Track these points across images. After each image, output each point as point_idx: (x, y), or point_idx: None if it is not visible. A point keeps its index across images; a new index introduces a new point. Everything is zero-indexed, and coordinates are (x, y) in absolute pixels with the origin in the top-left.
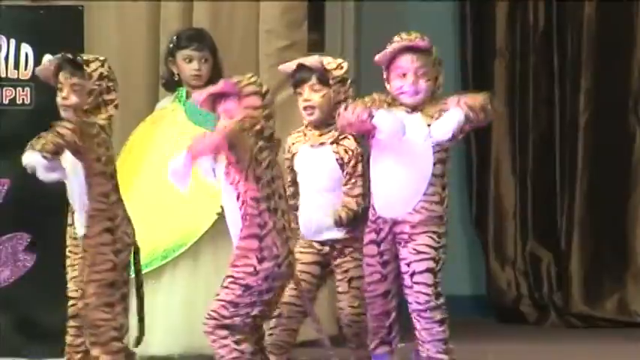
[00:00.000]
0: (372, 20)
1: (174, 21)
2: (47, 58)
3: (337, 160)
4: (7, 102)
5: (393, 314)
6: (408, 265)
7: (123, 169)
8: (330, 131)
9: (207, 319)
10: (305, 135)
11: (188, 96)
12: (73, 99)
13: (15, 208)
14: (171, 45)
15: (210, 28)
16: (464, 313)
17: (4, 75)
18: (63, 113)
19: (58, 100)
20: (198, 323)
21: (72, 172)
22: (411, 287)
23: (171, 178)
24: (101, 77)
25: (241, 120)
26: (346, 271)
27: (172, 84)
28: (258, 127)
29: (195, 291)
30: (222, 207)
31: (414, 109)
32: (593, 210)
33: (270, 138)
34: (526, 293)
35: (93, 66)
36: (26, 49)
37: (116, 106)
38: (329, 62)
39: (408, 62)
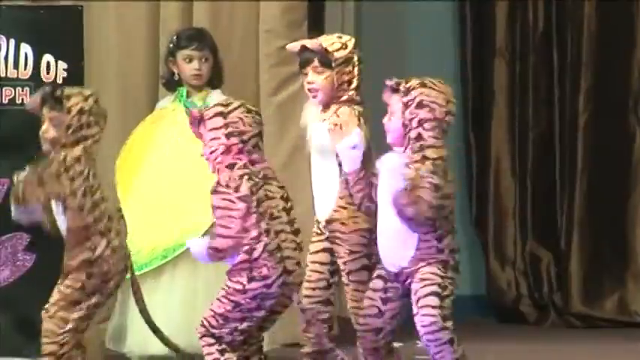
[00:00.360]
0: (371, 20)
1: (173, 21)
2: (47, 57)
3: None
4: (6, 102)
5: (382, 352)
6: (415, 293)
7: (123, 168)
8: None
9: (200, 325)
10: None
11: (188, 96)
12: (52, 132)
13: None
14: (171, 45)
15: (210, 28)
16: (464, 313)
17: (3, 75)
18: (43, 145)
19: (40, 132)
20: (197, 323)
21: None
22: (416, 314)
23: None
24: (81, 112)
25: None
26: (344, 263)
27: (173, 84)
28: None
29: (195, 291)
30: None
31: None
32: (593, 210)
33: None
34: (526, 293)
35: (73, 100)
36: (26, 48)
37: (96, 141)
38: (332, 43)
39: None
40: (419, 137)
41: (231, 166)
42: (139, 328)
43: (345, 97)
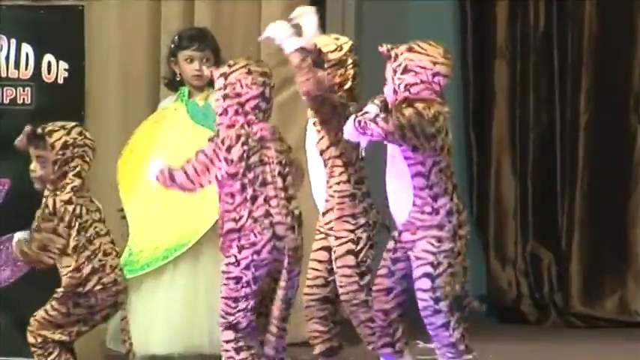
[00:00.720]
0: (372, 19)
1: (174, 20)
2: (48, 57)
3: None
4: (7, 102)
5: (393, 315)
6: (413, 273)
7: (125, 169)
8: None
9: (219, 317)
10: None
11: (190, 96)
12: (39, 171)
13: (15, 208)
14: (172, 45)
15: (211, 27)
16: (464, 312)
17: (4, 75)
18: (34, 184)
19: (30, 171)
20: (198, 323)
21: None
22: (416, 295)
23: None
24: (65, 146)
25: None
26: (333, 251)
27: (175, 84)
28: None
29: (196, 291)
30: None
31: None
32: (593, 210)
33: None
34: (527, 293)
35: (56, 136)
36: (27, 48)
37: (77, 175)
38: (327, 44)
39: None
40: (406, 100)
41: (230, 126)
42: (141, 328)
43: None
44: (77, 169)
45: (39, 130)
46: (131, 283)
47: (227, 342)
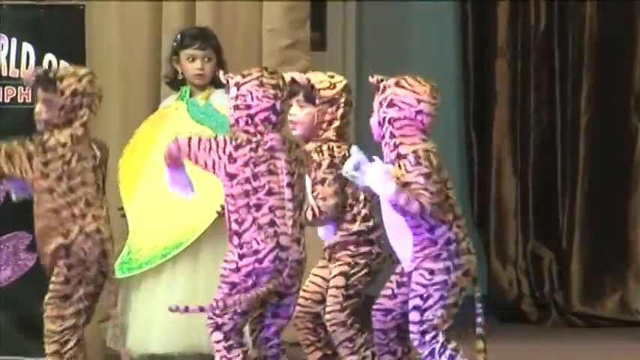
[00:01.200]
0: (373, 20)
1: (176, 19)
2: (49, 56)
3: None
4: (8, 100)
5: (392, 335)
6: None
7: (126, 168)
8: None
9: (207, 318)
10: None
11: (192, 95)
12: (44, 114)
13: (16, 208)
14: (174, 44)
15: (212, 27)
16: (465, 312)
17: (5, 74)
18: (37, 126)
19: (34, 112)
20: (197, 322)
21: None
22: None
23: (172, 191)
24: (74, 94)
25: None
26: (330, 271)
27: (176, 83)
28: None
29: (195, 289)
30: (222, 206)
31: None
32: (594, 209)
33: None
34: (527, 292)
35: (66, 82)
36: (27, 48)
37: (83, 124)
38: (321, 80)
39: None
40: (391, 135)
41: (244, 132)
42: (140, 327)
43: (323, 136)
44: (84, 118)
45: (50, 74)
46: (130, 282)
47: (217, 342)
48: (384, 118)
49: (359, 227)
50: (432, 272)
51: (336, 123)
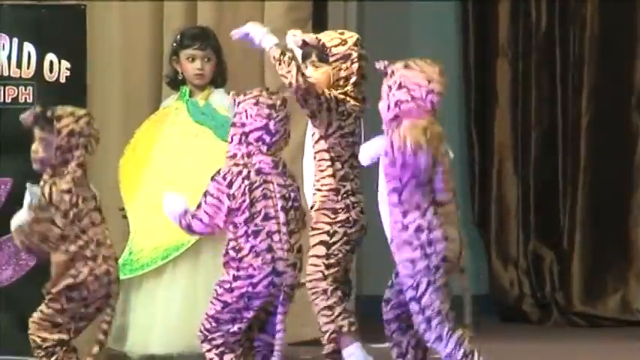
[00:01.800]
0: (374, 19)
1: (177, 19)
2: (50, 56)
3: None
4: (9, 100)
5: (394, 326)
6: None
7: (126, 168)
8: None
9: (198, 331)
10: None
11: (191, 95)
12: (41, 153)
13: (16, 208)
14: (174, 44)
15: (214, 27)
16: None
17: (6, 74)
18: (33, 164)
19: (31, 151)
20: (197, 323)
21: None
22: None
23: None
24: (71, 134)
25: None
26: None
27: (177, 83)
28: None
29: (195, 290)
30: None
31: None
32: (595, 209)
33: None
34: (528, 292)
35: (64, 122)
36: (29, 48)
37: (80, 165)
38: (331, 38)
39: None
40: (396, 118)
41: (232, 157)
42: (140, 328)
43: (341, 93)
44: (80, 159)
45: (48, 113)
46: (131, 283)
47: (208, 351)
48: (395, 102)
49: (336, 185)
50: (412, 261)
51: (354, 78)
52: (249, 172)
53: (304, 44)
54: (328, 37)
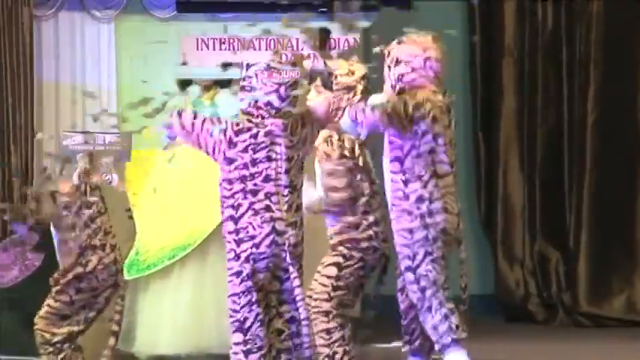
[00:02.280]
0: (380, 19)
1: None
2: None
3: None
4: None
5: (411, 314)
6: None
7: (134, 168)
8: None
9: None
10: None
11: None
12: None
13: None
14: None
15: None
16: (472, 312)
17: None
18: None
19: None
20: (206, 323)
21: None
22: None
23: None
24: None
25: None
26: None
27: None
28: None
29: (203, 291)
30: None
31: None
32: (601, 210)
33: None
34: (534, 292)
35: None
36: None
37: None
38: (341, 67)
39: None
40: (402, 91)
41: (245, 114)
42: (148, 329)
43: (337, 120)
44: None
45: None
46: (138, 284)
47: (236, 344)
48: (397, 77)
49: (359, 220)
50: (410, 231)
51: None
52: (257, 132)
53: (312, 69)
54: (337, 66)
